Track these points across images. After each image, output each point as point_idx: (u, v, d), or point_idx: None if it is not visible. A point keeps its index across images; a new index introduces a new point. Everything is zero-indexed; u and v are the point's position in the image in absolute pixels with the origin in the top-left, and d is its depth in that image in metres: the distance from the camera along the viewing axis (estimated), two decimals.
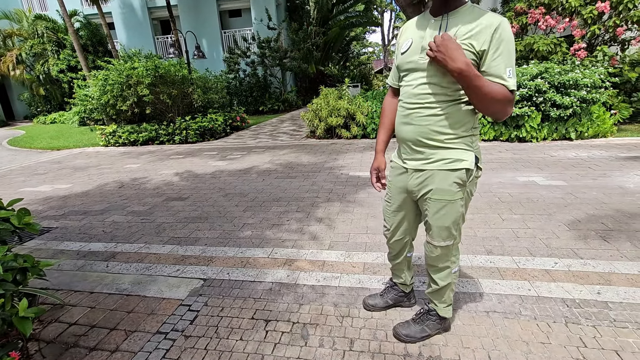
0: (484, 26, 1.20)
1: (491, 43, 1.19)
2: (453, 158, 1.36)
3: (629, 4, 6.20)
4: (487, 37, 1.19)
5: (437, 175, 1.39)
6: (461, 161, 1.36)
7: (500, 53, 1.20)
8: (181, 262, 2.57)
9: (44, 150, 8.44)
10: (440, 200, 1.41)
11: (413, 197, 1.52)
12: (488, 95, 1.20)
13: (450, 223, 1.44)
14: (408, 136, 1.41)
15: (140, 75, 7.37)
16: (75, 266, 2.61)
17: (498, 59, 1.20)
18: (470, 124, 1.36)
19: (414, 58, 1.34)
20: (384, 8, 28.68)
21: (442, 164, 1.37)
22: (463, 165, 1.35)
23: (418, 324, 1.68)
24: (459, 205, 1.42)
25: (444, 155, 1.36)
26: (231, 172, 5.16)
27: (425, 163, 1.40)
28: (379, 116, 7.45)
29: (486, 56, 1.21)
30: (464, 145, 1.36)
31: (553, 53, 6.76)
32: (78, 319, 1.98)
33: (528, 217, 2.95)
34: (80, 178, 5.39)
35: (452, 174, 1.37)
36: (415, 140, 1.39)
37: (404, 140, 1.45)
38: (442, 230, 1.46)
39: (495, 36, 1.19)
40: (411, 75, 1.38)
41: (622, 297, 1.89)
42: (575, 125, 5.66)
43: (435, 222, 1.46)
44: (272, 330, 1.80)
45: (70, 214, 3.78)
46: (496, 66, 1.20)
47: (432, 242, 1.51)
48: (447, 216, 1.43)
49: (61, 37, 14.42)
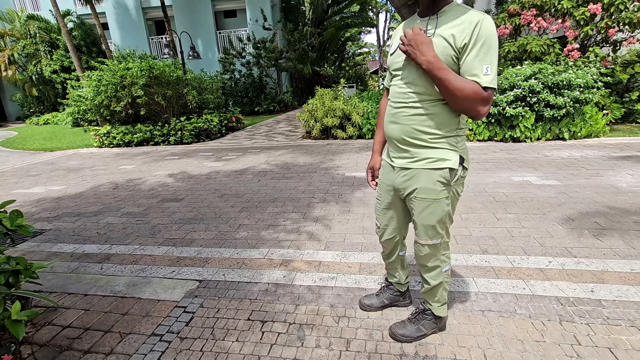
0: (466, 22, 1.22)
1: (471, 39, 1.20)
2: (436, 157, 1.38)
3: (620, 5, 6.28)
4: (468, 33, 1.20)
5: (421, 174, 1.41)
6: (444, 160, 1.37)
7: (478, 50, 1.20)
8: (176, 264, 2.55)
9: (37, 152, 8.35)
10: (425, 199, 1.43)
11: (400, 195, 1.53)
12: (457, 91, 1.21)
13: (436, 222, 1.45)
14: (394, 135, 1.44)
15: (134, 76, 7.32)
16: (69, 268, 2.59)
17: (475, 55, 1.20)
18: (455, 124, 1.37)
19: (400, 59, 1.38)
20: (379, 9, 28.76)
21: (425, 163, 1.39)
22: (446, 165, 1.37)
23: (414, 324, 1.68)
24: (444, 204, 1.43)
25: (428, 155, 1.38)
26: (227, 173, 5.14)
27: (410, 162, 1.42)
28: (375, 117, 7.48)
29: (465, 52, 1.22)
30: (448, 145, 1.37)
31: (546, 54, 6.83)
32: (72, 321, 1.96)
33: (522, 217, 2.98)
34: (74, 179, 5.34)
35: (435, 173, 1.38)
36: (401, 138, 1.42)
37: (391, 139, 1.48)
38: (427, 228, 1.47)
39: (475, 33, 1.20)
40: (398, 75, 1.42)
41: (615, 295, 1.91)
42: (568, 125, 5.71)
43: (420, 221, 1.47)
44: (269, 331, 1.79)
45: (63, 215, 3.74)
46: (471, 62, 1.21)
47: (419, 240, 1.53)
48: (433, 215, 1.44)
49: (54, 37, 14.30)
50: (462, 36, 1.21)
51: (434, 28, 1.28)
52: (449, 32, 1.23)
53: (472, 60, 1.21)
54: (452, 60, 1.25)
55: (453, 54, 1.23)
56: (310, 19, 14.83)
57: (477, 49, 1.20)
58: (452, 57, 1.24)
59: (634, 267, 2.16)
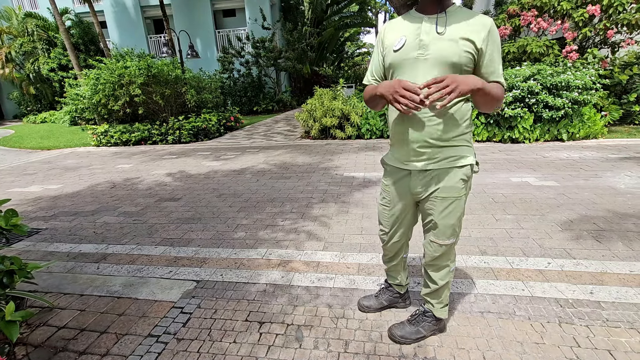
0: (480, 25, 1.26)
1: (488, 41, 1.27)
2: (458, 155, 1.38)
3: (618, 7, 6.30)
4: (484, 36, 1.26)
5: (444, 174, 1.40)
6: (465, 158, 1.39)
7: (498, 52, 1.29)
8: (174, 264, 2.53)
9: (34, 150, 8.30)
10: (447, 197, 1.42)
11: (416, 199, 1.51)
12: (495, 98, 1.28)
13: (456, 220, 1.46)
14: (411, 137, 1.37)
15: (132, 74, 7.28)
16: (65, 268, 2.56)
17: (496, 57, 1.29)
18: (469, 121, 1.39)
19: (412, 54, 1.30)
20: (378, 9, 28.77)
21: (447, 162, 1.38)
22: (467, 162, 1.39)
23: (413, 325, 1.67)
24: (463, 201, 1.45)
25: (449, 154, 1.37)
26: (225, 172, 5.12)
27: (430, 162, 1.39)
28: (373, 117, 7.40)
29: (483, 55, 1.28)
30: (465, 143, 1.39)
31: (545, 55, 6.83)
32: (67, 322, 1.94)
33: (521, 218, 2.97)
34: (71, 178, 5.31)
35: (459, 171, 1.39)
36: (420, 140, 1.36)
37: (406, 142, 1.40)
38: (447, 228, 1.46)
39: (490, 35, 1.27)
40: (408, 73, 1.32)
41: (614, 296, 1.91)
42: (567, 126, 5.72)
43: (441, 221, 1.46)
44: (266, 332, 1.78)
45: (60, 214, 3.71)
46: (493, 63, 1.30)
47: (437, 241, 1.50)
48: (453, 213, 1.44)
49: (52, 35, 14.22)
50: (479, 38, 1.26)
51: (444, 26, 1.28)
52: (466, 33, 1.26)
53: (494, 62, 1.29)
54: (472, 59, 1.29)
55: (474, 54, 1.28)
56: (310, 18, 14.80)
57: (496, 51, 1.29)
58: (472, 57, 1.28)
59: (632, 268, 2.16)
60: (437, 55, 1.26)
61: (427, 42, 1.28)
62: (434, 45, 1.27)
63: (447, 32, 1.27)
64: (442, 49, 1.26)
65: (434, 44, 1.27)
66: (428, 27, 1.30)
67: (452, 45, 1.25)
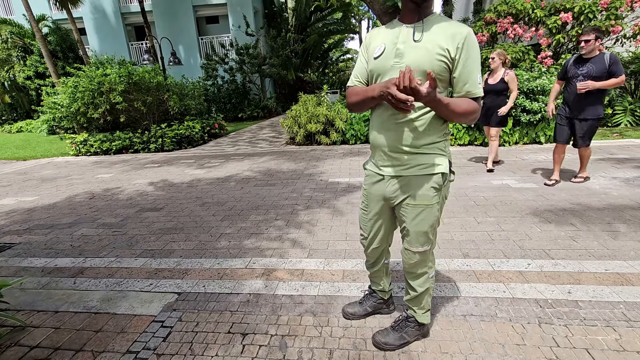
0: (456, 34, 1.25)
1: (462, 50, 1.25)
2: (429, 163, 1.38)
3: (589, 14, 6.58)
4: (459, 44, 1.25)
5: (414, 181, 1.40)
6: (437, 166, 1.38)
7: (473, 60, 1.27)
8: (154, 276, 2.46)
9: (9, 161, 7.99)
10: (418, 205, 1.42)
11: (390, 204, 1.51)
12: (455, 113, 1.27)
13: (428, 228, 1.45)
14: (384, 142, 1.41)
15: (112, 82, 7.14)
16: (39, 284, 2.46)
17: (471, 65, 1.27)
18: (444, 129, 1.39)
19: (389, 62, 1.33)
20: (361, 16, 29.21)
21: (418, 169, 1.38)
22: (439, 170, 1.38)
23: (397, 332, 1.67)
24: (436, 209, 1.43)
25: (420, 161, 1.38)
26: (209, 180, 5.05)
27: (402, 169, 1.41)
28: (358, 122, 7.43)
29: (458, 63, 1.27)
30: (438, 151, 1.39)
31: (522, 60, 7.05)
32: (41, 341, 1.85)
33: (502, 220, 3.03)
34: (47, 190, 5.13)
35: (430, 179, 1.38)
36: (392, 146, 1.39)
37: (380, 147, 1.44)
38: (420, 235, 1.46)
39: (467, 44, 1.25)
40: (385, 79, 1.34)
41: (591, 295, 1.96)
42: (544, 129, 5.90)
43: (413, 228, 1.46)
44: (249, 344, 1.74)
45: (35, 228, 3.58)
46: (469, 73, 1.27)
47: (411, 248, 1.51)
48: (425, 221, 1.44)
49: (28, 42, 13.81)
50: (454, 47, 1.25)
51: (421, 34, 1.29)
52: (441, 42, 1.26)
53: (469, 71, 1.27)
54: (446, 68, 1.28)
55: (448, 63, 1.27)
56: (293, 25, 14.86)
57: (471, 60, 1.27)
58: (447, 66, 1.28)
59: (607, 267, 2.22)
60: (411, 63, 1.28)
61: (402, 51, 1.30)
62: (409, 53, 1.29)
63: (423, 41, 1.28)
64: (416, 57, 1.28)
65: (409, 52, 1.29)
66: (405, 36, 1.32)
67: (427, 54, 1.27)
